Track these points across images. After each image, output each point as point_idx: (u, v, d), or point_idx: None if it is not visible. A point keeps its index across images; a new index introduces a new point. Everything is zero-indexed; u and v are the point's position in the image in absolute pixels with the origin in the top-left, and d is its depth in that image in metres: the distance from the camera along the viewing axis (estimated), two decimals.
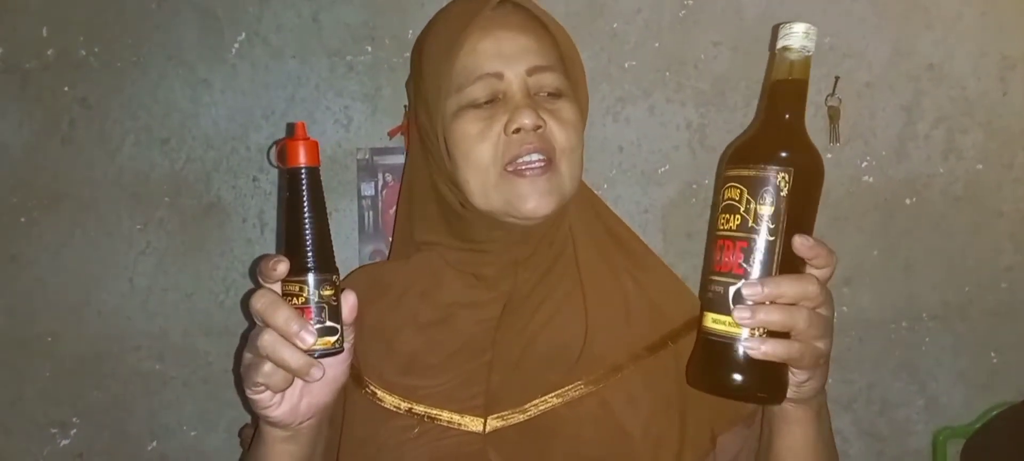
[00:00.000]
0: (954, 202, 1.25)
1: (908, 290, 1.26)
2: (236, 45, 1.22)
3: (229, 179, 1.23)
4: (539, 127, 0.85)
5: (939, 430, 1.27)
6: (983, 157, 1.25)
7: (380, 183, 1.22)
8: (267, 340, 0.70)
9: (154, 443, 1.26)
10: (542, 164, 0.85)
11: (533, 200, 0.85)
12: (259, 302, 0.71)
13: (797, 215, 0.70)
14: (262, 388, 0.73)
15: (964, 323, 1.27)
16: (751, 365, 0.70)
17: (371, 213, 1.22)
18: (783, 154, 0.70)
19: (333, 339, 0.72)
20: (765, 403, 0.79)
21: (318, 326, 0.71)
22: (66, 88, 1.22)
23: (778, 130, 0.73)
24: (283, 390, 0.73)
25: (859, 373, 1.27)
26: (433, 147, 0.92)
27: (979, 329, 1.27)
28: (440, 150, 0.90)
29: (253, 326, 0.74)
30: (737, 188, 0.71)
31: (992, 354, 1.28)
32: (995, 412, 1.25)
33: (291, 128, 0.73)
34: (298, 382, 0.74)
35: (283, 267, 0.70)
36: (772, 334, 0.69)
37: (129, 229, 1.23)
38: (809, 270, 0.71)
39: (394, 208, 1.21)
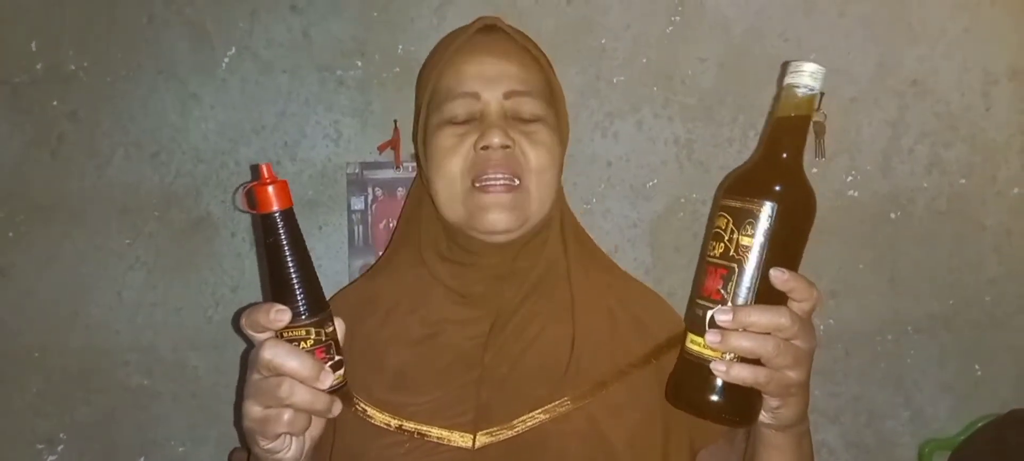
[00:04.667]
0: (938, 216, 1.27)
1: (893, 303, 1.28)
2: (226, 60, 1.22)
3: (219, 193, 1.23)
4: (507, 146, 0.87)
5: (925, 442, 1.28)
6: (967, 171, 1.26)
7: (370, 197, 1.23)
8: (286, 389, 0.69)
9: (142, 458, 1.26)
10: (507, 182, 0.87)
11: (493, 214, 0.87)
12: (269, 352, 0.69)
13: (779, 249, 0.71)
14: (284, 437, 0.72)
15: (949, 335, 1.28)
16: (722, 387, 0.72)
17: (361, 227, 1.23)
18: (770, 189, 0.71)
19: (342, 372, 0.72)
20: (734, 425, 0.81)
21: (329, 363, 0.70)
22: (55, 102, 1.22)
23: (770, 165, 0.74)
24: (303, 433, 0.73)
25: (845, 385, 1.28)
26: (419, 160, 0.96)
27: (964, 341, 1.29)
28: (421, 161, 0.94)
29: (248, 347, 0.73)
30: (725, 217, 0.73)
31: (976, 366, 1.29)
32: (980, 424, 1.26)
33: (256, 171, 0.71)
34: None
35: (286, 317, 0.69)
36: (744, 360, 0.71)
37: (118, 243, 1.23)
38: (790, 303, 0.72)
39: (384, 222, 1.22)
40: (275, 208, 0.69)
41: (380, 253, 1.22)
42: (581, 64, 1.23)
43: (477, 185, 0.88)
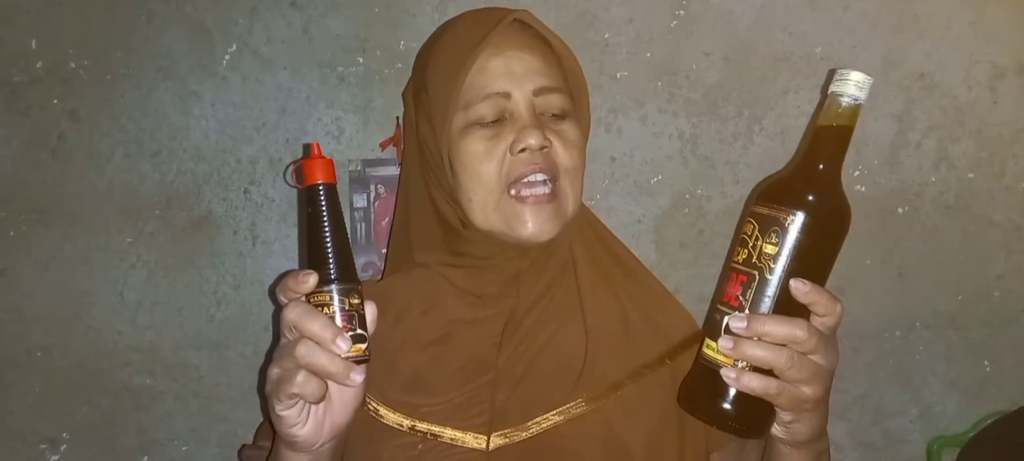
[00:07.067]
0: (946, 211, 1.26)
1: (901, 299, 1.27)
2: (227, 57, 1.21)
3: (220, 191, 1.22)
4: (544, 147, 0.85)
5: (933, 439, 1.27)
6: (974, 166, 1.25)
7: (372, 194, 1.22)
8: (303, 349, 0.70)
9: (145, 458, 1.25)
10: (546, 192, 0.85)
11: (535, 226, 0.85)
12: (292, 313, 0.71)
13: (804, 260, 0.69)
14: (295, 401, 0.72)
15: (957, 332, 1.27)
16: (734, 396, 0.71)
17: (363, 225, 1.22)
18: (801, 199, 0.70)
19: (363, 346, 0.73)
20: (742, 435, 0.77)
21: (350, 333, 0.72)
22: (55, 101, 1.21)
23: (804, 174, 0.72)
24: (318, 401, 0.73)
25: (853, 382, 1.27)
26: (435, 162, 0.91)
27: (972, 338, 1.27)
28: (443, 166, 0.90)
29: (275, 340, 0.73)
30: (751, 224, 0.71)
31: (985, 362, 1.28)
32: (989, 421, 1.25)
33: (307, 148, 0.78)
34: (323, 401, 0.74)
35: (313, 279, 0.71)
36: (758, 370, 0.69)
37: (119, 242, 1.23)
38: (813, 318, 0.70)
39: (387, 219, 1.21)
40: (319, 180, 0.74)
41: (383, 250, 1.21)
42: (584, 59, 1.20)
43: (513, 193, 0.85)
